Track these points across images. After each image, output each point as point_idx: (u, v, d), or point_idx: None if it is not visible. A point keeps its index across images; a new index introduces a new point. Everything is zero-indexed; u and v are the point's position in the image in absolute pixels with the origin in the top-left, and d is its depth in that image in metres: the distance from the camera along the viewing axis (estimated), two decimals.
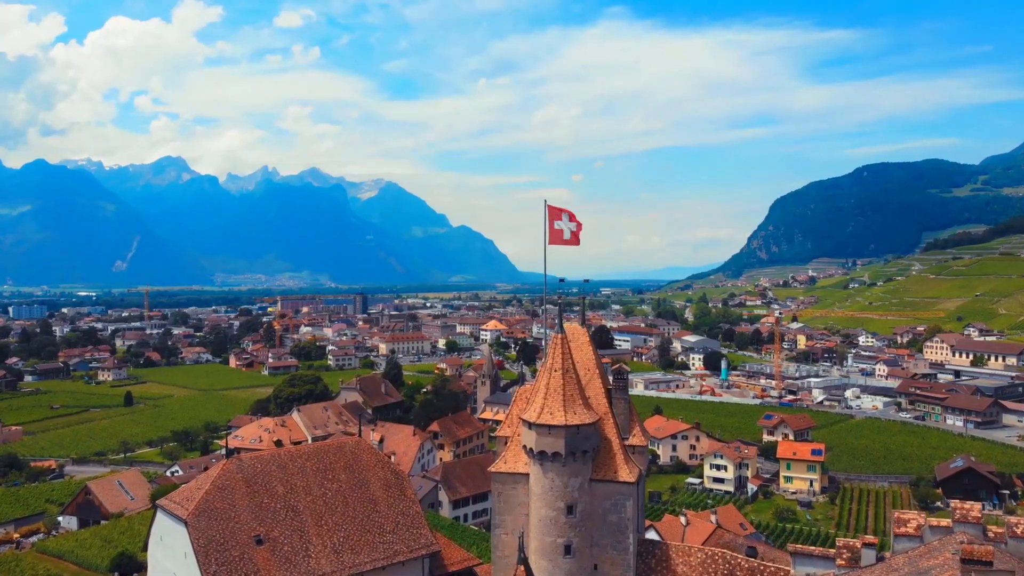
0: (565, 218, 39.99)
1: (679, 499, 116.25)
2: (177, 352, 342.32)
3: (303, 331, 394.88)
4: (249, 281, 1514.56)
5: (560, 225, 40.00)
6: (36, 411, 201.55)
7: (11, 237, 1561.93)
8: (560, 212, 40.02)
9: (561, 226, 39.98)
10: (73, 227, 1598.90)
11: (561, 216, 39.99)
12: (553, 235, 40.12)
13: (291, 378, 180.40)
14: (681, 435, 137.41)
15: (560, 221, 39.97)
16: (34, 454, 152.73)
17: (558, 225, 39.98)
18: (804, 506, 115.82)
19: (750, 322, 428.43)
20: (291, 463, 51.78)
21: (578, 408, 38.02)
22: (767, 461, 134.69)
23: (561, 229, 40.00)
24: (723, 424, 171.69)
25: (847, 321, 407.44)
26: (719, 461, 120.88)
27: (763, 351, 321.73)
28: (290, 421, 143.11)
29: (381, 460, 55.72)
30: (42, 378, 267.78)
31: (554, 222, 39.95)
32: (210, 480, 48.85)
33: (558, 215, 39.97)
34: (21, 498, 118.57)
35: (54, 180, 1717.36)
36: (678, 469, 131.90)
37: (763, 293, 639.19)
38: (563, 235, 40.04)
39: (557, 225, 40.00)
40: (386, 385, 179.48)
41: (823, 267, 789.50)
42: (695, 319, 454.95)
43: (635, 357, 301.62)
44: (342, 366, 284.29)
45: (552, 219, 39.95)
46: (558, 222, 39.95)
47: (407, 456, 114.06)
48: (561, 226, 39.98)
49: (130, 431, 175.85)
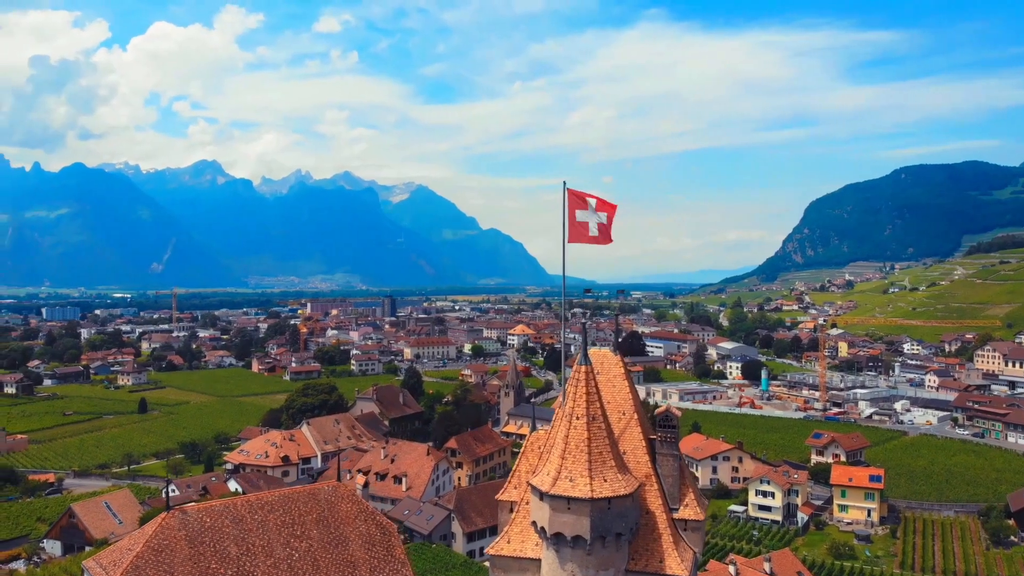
0: (592, 206, 29.00)
1: (721, 529, 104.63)
2: (200, 355, 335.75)
3: (329, 334, 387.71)
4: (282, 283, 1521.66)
5: (584, 216, 29.00)
6: (48, 418, 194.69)
7: (49, 239, 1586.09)
8: (584, 199, 29.00)
9: (585, 218, 28.98)
10: (110, 230, 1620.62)
11: (586, 204, 28.97)
12: (574, 230, 29.25)
13: (305, 387, 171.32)
14: (722, 456, 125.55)
15: (584, 211, 28.98)
16: (35, 465, 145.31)
17: (581, 216, 29.00)
18: (862, 540, 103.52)
19: (788, 328, 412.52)
20: (249, 516, 41.26)
21: (609, 472, 27.31)
22: (818, 485, 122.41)
23: (585, 222, 29.01)
24: (766, 441, 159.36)
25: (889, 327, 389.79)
26: (766, 487, 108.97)
27: (803, 359, 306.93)
28: (299, 435, 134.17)
29: (364, 510, 45.02)
30: (61, 382, 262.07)
31: (575, 212, 29.01)
32: (144, 539, 38.84)
33: (581, 202, 28.95)
34: (12, 516, 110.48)
35: (92, 183, 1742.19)
36: (719, 494, 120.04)
37: (799, 298, 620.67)
38: (588, 231, 29.08)
39: (580, 216, 29.05)
40: (404, 395, 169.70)
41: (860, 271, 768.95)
42: (730, 324, 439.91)
43: (668, 365, 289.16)
44: (365, 371, 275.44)
45: (572, 208, 29.00)
46: (581, 212, 28.95)
47: (420, 478, 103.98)
48: (585, 218, 28.98)
49: (139, 441, 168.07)
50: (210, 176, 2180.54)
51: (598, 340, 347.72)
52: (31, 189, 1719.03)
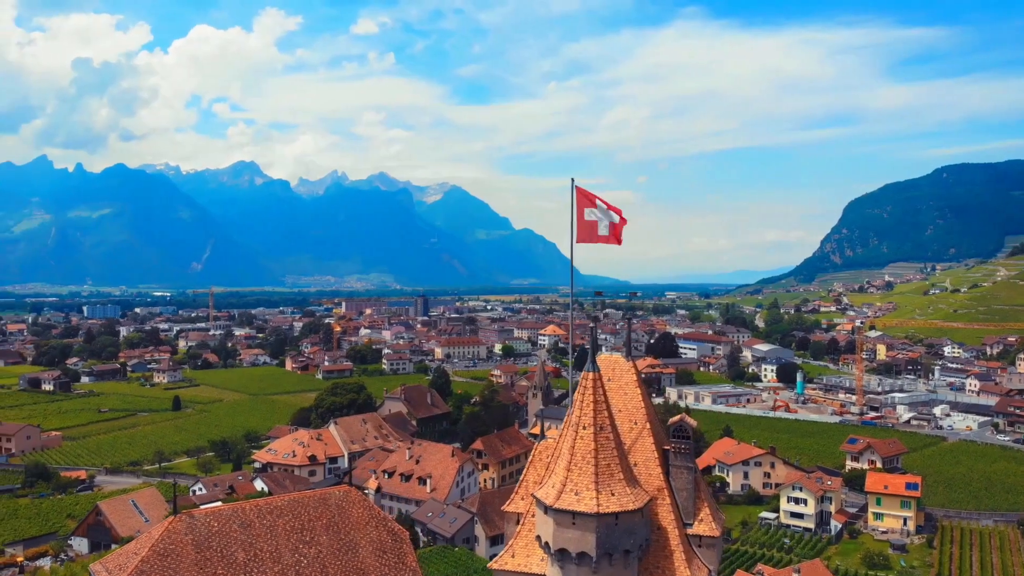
0: (601, 206, 27.75)
1: (751, 536, 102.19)
2: (235, 354, 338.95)
3: (362, 333, 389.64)
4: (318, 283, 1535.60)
5: (593, 215, 27.74)
6: (83, 415, 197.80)
7: (92, 239, 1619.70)
8: (592, 198, 27.79)
9: (595, 216, 27.73)
10: (151, 229, 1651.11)
11: (595, 203, 27.73)
12: (583, 229, 28.03)
13: (334, 386, 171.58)
14: (754, 461, 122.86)
15: (593, 210, 27.73)
16: (69, 462, 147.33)
17: (590, 215, 27.74)
18: (897, 549, 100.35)
19: (826, 330, 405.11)
20: (257, 521, 40.36)
21: (617, 486, 25.95)
22: (852, 491, 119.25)
23: (594, 221, 27.75)
24: (800, 446, 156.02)
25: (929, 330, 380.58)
26: (798, 494, 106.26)
27: (840, 362, 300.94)
28: (326, 434, 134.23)
29: (376, 516, 43.96)
30: (99, 379, 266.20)
31: (583, 211, 27.77)
32: (150, 542, 38.29)
33: (589, 201, 27.73)
34: (42, 512, 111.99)
35: (133, 184, 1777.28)
36: (750, 500, 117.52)
37: (837, 299, 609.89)
38: (597, 230, 27.81)
39: (589, 215, 27.79)
40: (432, 395, 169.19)
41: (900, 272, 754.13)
42: (766, 326, 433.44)
43: (701, 367, 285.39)
44: (396, 370, 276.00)
45: (581, 207, 27.77)
46: (590, 210, 27.70)
47: (444, 480, 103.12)
48: (595, 216, 27.73)
49: (171, 438, 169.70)
50: (248, 177, 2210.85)
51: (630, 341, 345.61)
52: (74, 190, 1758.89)
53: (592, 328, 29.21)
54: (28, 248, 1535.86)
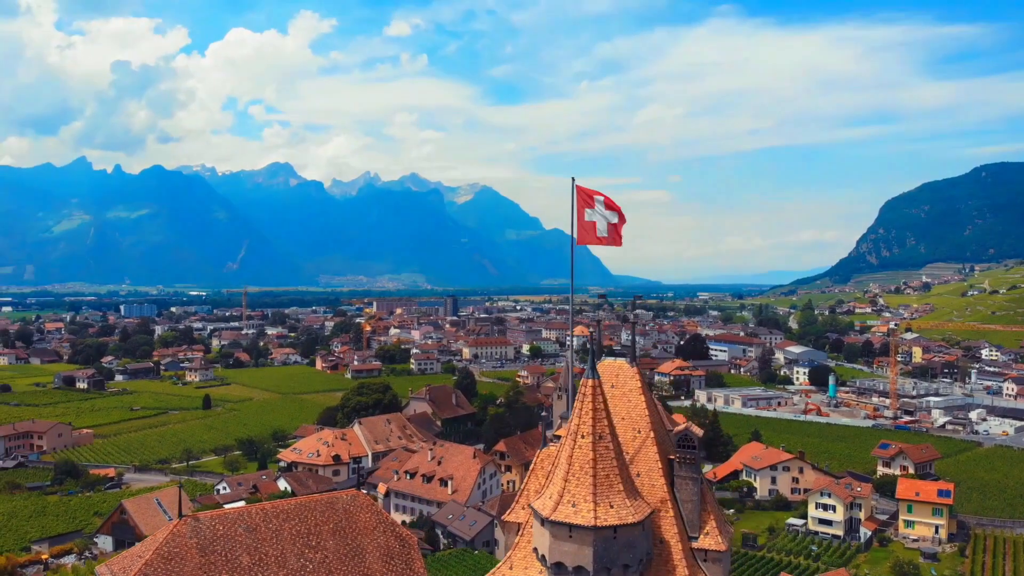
0: (599, 205, 26.71)
1: (778, 543, 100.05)
2: (267, 353, 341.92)
3: (391, 333, 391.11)
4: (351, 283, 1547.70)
5: (593, 216, 26.73)
6: (115, 413, 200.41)
7: (130, 239, 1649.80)
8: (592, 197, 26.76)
9: (594, 217, 26.71)
10: (188, 230, 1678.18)
11: (593, 202, 26.71)
12: (583, 230, 27.02)
13: (360, 386, 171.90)
14: (782, 466, 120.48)
15: (592, 210, 26.73)
16: (99, 460, 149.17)
17: (589, 216, 26.74)
18: (928, 558, 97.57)
19: (860, 332, 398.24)
20: (263, 525, 40.08)
21: (616, 498, 24.95)
22: (883, 498, 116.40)
23: (594, 222, 26.75)
24: (830, 450, 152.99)
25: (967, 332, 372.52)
26: (827, 500, 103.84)
27: (875, 364, 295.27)
28: (351, 434, 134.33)
29: (383, 521, 43.43)
30: (132, 378, 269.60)
31: (584, 211, 26.77)
32: (154, 546, 38.06)
33: (589, 201, 26.72)
34: (70, 510, 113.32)
35: (170, 185, 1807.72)
36: (778, 505, 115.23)
37: (873, 300, 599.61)
38: (596, 231, 26.81)
39: (588, 216, 26.80)
40: (457, 395, 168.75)
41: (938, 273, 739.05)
42: (800, 328, 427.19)
43: (732, 369, 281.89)
44: (424, 370, 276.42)
45: (581, 207, 26.78)
46: (589, 211, 26.71)
47: (466, 482, 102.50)
48: (594, 217, 26.71)
49: (200, 437, 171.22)
50: (283, 178, 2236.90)
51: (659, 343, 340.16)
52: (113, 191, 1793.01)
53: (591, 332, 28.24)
54: (68, 248, 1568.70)
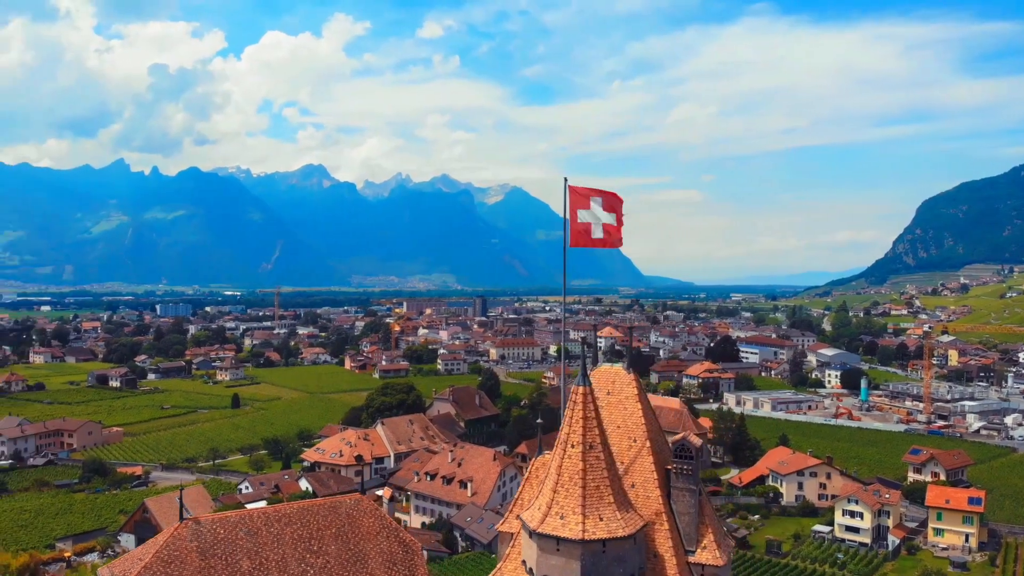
0: (595, 205, 25.71)
1: (803, 551, 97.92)
2: (297, 352, 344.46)
3: (420, 333, 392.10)
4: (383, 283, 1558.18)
5: (587, 217, 25.77)
6: (146, 411, 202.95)
7: (166, 240, 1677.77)
8: (587, 197, 25.81)
9: (588, 218, 25.72)
10: (223, 230, 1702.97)
11: (588, 203, 25.73)
12: (576, 232, 26.10)
13: (384, 386, 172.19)
14: (809, 471, 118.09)
15: (586, 211, 25.77)
16: (127, 458, 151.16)
17: (583, 217, 25.78)
18: (957, 567, 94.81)
19: (895, 334, 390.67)
20: (264, 529, 39.80)
21: (606, 510, 24.09)
22: (913, 505, 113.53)
23: (588, 223, 25.79)
24: (860, 455, 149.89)
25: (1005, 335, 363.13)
26: (854, 507, 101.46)
27: (909, 368, 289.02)
28: (373, 434, 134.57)
29: (387, 526, 42.92)
30: (164, 376, 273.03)
31: (577, 211, 25.84)
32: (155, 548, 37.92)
33: (583, 201, 25.74)
34: (96, 507, 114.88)
35: (206, 187, 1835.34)
36: (804, 512, 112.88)
37: (909, 302, 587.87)
38: (591, 232, 25.86)
39: (582, 217, 25.84)
40: (480, 396, 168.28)
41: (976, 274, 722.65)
42: (833, 330, 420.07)
43: (763, 372, 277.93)
44: (450, 371, 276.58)
45: (574, 207, 25.84)
46: (583, 211, 25.73)
47: (486, 484, 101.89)
48: (588, 218, 25.72)
49: (228, 436, 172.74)
50: (316, 180, 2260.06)
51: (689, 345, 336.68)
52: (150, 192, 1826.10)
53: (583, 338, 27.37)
54: (106, 248, 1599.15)
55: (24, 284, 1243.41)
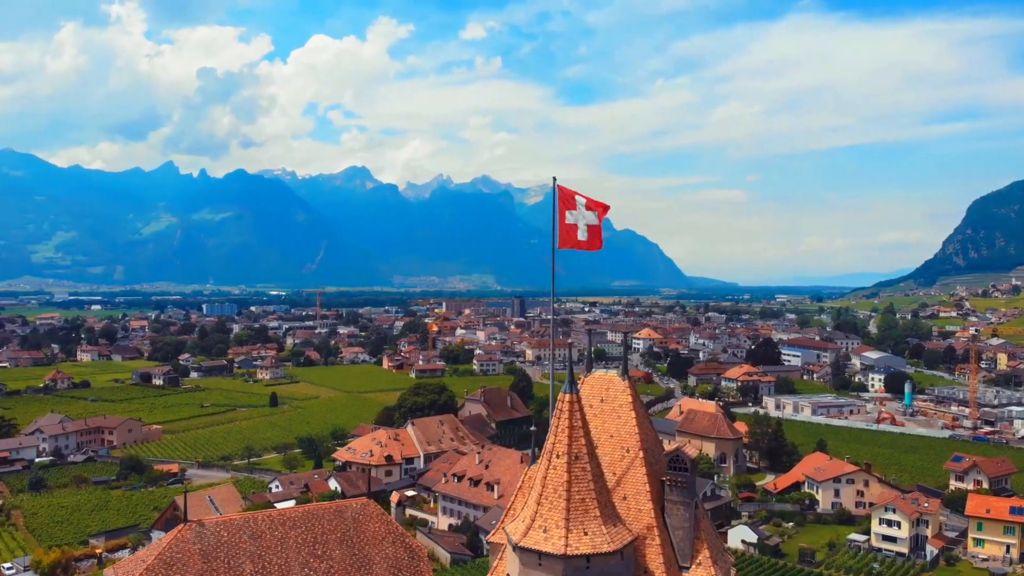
0: (581, 206, 25.10)
1: (837, 560, 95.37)
2: (337, 352, 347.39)
3: (458, 333, 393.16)
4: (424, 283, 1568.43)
5: (573, 218, 25.20)
6: (186, 409, 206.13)
7: (214, 240, 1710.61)
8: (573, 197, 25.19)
9: (574, 219, 25.18)
10: (269, 231, 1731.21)
11: (574, 204, 25.15)
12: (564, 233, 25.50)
13: (416, 386, 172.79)
14: (846, 478, 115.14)
15: (573, 211, 25.18)
16: (165, 455, 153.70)
17: (571, 218, 25.22)
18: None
19: (942, 337, 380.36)
20: (268, 532, 39.65)
21: (591, 524, 23.17)
22: (953, 514, 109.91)
23: (575, 224, 25.21)
24: (901, 462, 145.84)
25: None
26: (891, 515, 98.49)
27: (956, 371, 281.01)
28: (403, 434, 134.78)
29: (393, 531, 42.46)
30: (206, 375, 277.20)
31: (565, 212, 25.24)
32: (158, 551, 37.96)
33: (570, 202, 25.20)
34: (131, 504, 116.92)
35: (253, 188, 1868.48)
36: (840, 519, 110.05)
37: (959, 303, 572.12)
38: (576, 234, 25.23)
39: (570, 218, 25.26)
40: (512, 398, 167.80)
41: None
42: (879, 332, 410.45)
43: (805, 375, 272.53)
44: (486, 371, 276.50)
45: (563, 208, 25.26)
46: (571, 212, 25.19)
47: (512, 487, 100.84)
48: (574, 219, 25.18)
49: (263, 434, 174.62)
50: (360, 181, 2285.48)
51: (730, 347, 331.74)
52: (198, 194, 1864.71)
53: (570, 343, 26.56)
54: (156, 249, 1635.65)
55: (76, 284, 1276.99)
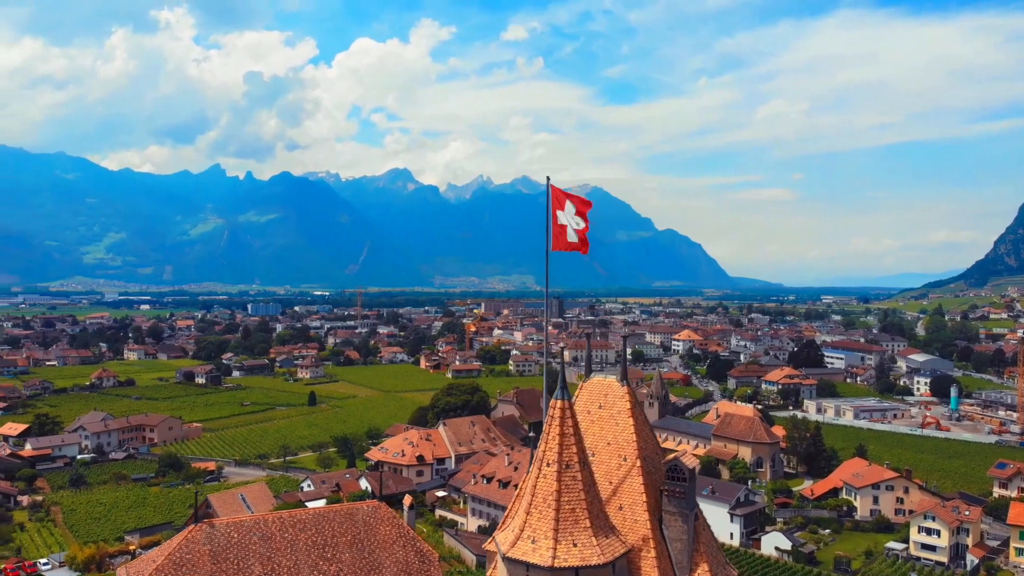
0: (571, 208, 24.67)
1: (873, 568, 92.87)
2: (376, 351, 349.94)
3: (495, 334, 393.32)
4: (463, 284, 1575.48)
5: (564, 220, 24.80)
6: (226, 408, 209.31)
7: (260, 241, 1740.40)
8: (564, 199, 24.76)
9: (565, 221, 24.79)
10: (313, 233, 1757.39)
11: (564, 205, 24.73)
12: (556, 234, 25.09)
13: (449, 386, 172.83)
14: (885, 485, 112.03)
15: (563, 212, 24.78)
16: (204, 453, 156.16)
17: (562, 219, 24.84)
18: None
19: (991, 339, 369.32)
20: (279, 534, 39.85)
21: (581, 535, 22.59)
22: (996, 522, 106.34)
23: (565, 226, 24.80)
24: (944, 468, 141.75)
25: None
26: (930, 524, 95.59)
27: (1005, 375, 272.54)
28: (435, 435, 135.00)
29: (404, 535, 42.33)
30: (248, 374, 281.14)
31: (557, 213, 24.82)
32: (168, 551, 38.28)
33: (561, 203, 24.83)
34: (168, 501, 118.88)
35: (298, 190, 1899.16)
36: (879, 527, 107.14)
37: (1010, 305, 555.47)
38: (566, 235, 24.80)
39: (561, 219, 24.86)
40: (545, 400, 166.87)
41: None
42: (927, 334, 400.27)
43: (848, 378, 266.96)
44: (522, 372, 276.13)
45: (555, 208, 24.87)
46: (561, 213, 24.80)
47: None
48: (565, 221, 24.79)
49: (300, 433, 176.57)
50: (402, 183, 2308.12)
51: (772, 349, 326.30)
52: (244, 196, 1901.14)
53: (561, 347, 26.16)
54: (203, 250, 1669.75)
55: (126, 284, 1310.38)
